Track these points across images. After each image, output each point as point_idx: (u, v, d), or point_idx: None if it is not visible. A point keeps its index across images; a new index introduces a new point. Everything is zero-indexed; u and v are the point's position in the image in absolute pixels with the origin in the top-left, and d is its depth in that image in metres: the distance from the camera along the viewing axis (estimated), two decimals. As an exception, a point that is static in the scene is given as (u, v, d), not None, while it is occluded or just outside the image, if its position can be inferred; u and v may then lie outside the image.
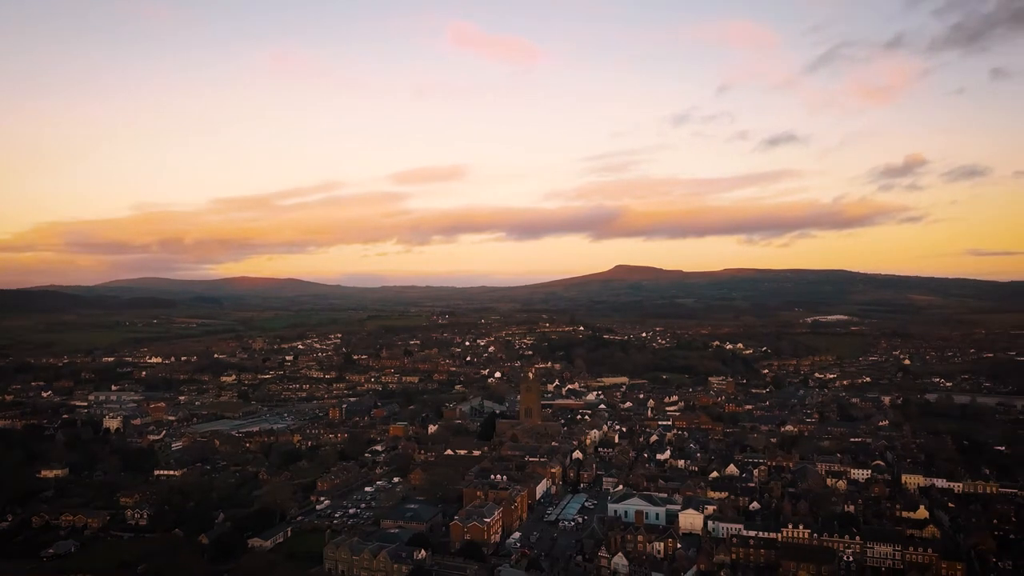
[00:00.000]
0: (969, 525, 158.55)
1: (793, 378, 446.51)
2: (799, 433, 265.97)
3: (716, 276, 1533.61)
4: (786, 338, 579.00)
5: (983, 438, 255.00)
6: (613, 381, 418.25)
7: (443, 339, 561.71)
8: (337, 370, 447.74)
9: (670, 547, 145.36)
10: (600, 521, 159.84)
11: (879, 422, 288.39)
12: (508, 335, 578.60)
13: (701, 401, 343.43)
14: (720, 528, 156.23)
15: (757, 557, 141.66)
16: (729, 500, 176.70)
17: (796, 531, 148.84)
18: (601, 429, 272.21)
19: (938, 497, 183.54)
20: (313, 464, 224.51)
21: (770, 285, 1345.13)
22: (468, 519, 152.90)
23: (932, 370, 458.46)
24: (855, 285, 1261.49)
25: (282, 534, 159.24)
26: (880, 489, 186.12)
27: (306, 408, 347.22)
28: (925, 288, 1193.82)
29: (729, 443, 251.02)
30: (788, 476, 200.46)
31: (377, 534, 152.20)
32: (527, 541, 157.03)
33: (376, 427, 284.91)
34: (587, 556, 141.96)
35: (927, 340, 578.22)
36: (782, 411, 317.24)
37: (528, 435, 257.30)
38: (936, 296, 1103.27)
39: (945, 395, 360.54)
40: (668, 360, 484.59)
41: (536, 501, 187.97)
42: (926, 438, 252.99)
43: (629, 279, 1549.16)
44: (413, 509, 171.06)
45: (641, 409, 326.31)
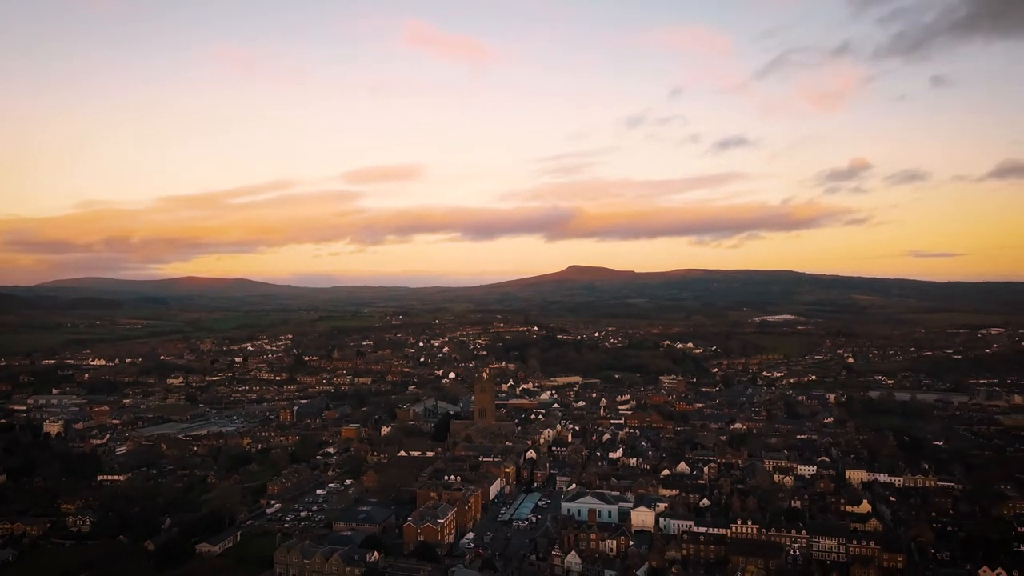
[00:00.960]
0: (909, 518, 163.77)
1: (742, 377, 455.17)
2: (748, 431, 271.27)
3: (667, 276, 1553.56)
4: (735, 337, 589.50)
5: (922, 434, 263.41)
6: (567, 380, 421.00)
7: (396, 340, 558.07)
8: (288, 372, 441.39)
9: (623, 545, 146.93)
10: (554, 520, 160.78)
11: (824, 419, 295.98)
12: (462, 335, 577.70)
13: (652, 400, 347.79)
14: (671, 525, 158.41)
15: (707, 553, 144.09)
16: (680, 497, 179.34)
17: (745, 527, 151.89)
18: (555, 428, 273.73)
19: (880, 491, 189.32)
20: (263, 467, 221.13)
21: (719, 285, 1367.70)
22: (422, 520, 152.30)
23: (875, 368, 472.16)
24: (801, 286, 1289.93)
25: (231, 539, 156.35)
26: (825, 484, 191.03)
27: (256, 410, 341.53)
28: (868, 288, 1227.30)
29: (680, 441, 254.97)
30: (737, 473, 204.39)
31: (329, 537, 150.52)
32: (481, 541, 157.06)
33: (328, 429, 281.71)
34: (541, 555, 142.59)
35: (870, 339, 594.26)
36: (731, 409, 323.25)
37: (482, 435, 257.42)
38: (878, 296, 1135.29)
39: (887, 392, 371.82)
40: (620, 359, 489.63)
41: (490, 501, 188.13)
42: (869, 434, 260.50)
43: (582, 279, 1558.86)
44: (366, 511, 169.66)
45: (594, 408, 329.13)
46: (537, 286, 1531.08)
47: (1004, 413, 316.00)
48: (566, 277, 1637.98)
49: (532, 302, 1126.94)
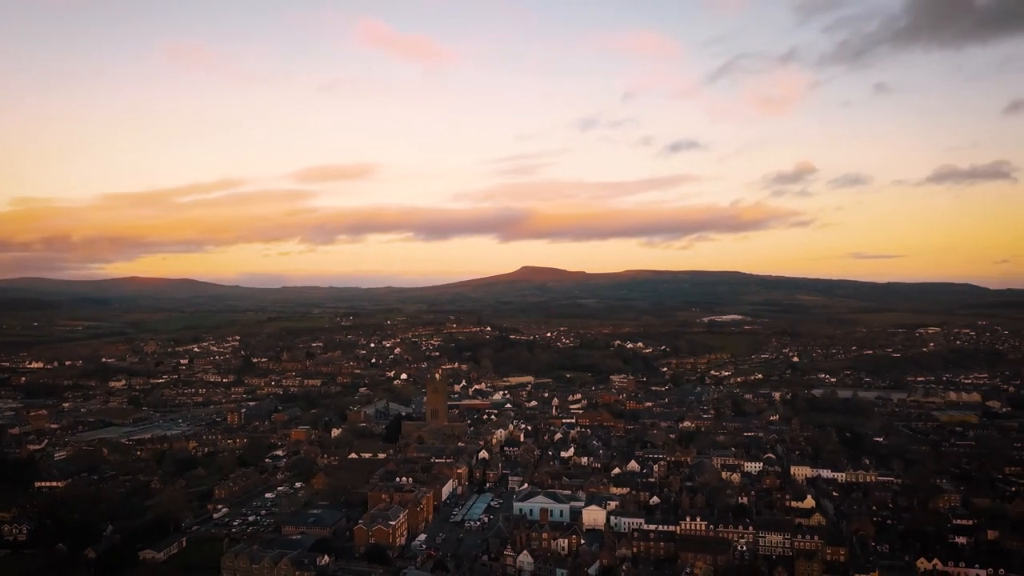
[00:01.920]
0: (851, 512, 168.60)
1: (691, 376, 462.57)
2: (696, 429, 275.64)
3: (618, 277, 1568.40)
4: (684, 337, 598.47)
5: (863, 430, 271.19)
6: (519, 380, 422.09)
7: (347, 341, 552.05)
8: (235, 373, 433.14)
9: (574, 543, 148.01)
10: (506, 520, 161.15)
11: (770, 417, 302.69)
12: (414, 336, 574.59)
13: (603, 399, 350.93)
14: (622, 523, 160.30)
15: (657, 550, 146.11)
16: (631, 495, 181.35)
17: (694, 523, 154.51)
18: (507, 428, 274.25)
19: (824, 487, 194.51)
20: (210, 471, 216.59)
21: (669, 286, 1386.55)
22: (373, 522, 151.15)
23: (818, 367, 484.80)
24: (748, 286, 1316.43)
25: (176, 545, 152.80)
26: (771, 481, 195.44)
27: (202, 413, 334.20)
28: (812, 289, 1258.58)
29: (630, 440, 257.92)
30: (686, 471, 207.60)
31: (278, 541, 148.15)
32: (433, 542, 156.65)
33: (277, 431, 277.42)
34: (493, 555, 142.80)
35: (814, 338, 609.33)
36: (680, 408, 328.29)
37: (434, 436, 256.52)
38: (822, 297, 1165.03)
39: (830, 390, 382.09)
40: (572, 359, 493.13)
41: (442, 502, 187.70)
42: (813, 431, 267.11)
43: (535, 280, 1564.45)
44: (316, 514, 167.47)
45: (546, 408, 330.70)
46: (490, 287, 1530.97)
47: (940, 410, 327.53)
48: (519, 278, 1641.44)
49: (485, 303, 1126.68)
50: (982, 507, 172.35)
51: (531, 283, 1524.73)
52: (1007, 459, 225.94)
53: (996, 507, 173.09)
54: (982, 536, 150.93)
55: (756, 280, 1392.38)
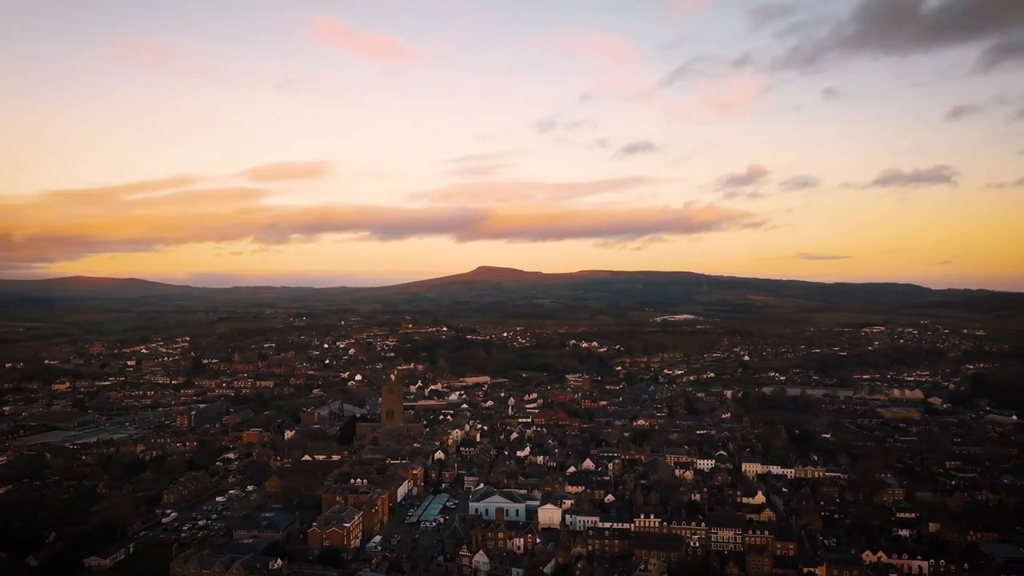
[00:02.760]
0: (800, 507, 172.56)
1: (644, 374, 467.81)
2: (650, 427, 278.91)
3: (573, 278, 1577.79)
4: (638, 336, 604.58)
5: (812, 427, 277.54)
6: (475, 381, 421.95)
7: (300, 342, 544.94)
8: (185, 375, 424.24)
9: (530, 542, 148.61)
10: (461, 520, 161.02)
11: (722, 415, 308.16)
12: (369, 337, 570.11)
13: (559, 398, 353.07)
14: (577, 521, 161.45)
15: (612, 547, 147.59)
16: (586, 494, 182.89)
17: (648, 521, 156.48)
18: (463, 429, 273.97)
19: (774, 483, 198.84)
20: (159, 475, 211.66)
21: (623, 286, 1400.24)
22: (327, 525, 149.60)
23: (768, 365, 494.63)
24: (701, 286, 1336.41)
25: (123, 551, 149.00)
26: (723, 478, 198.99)
27: (151, 416, 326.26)
28: (762, 289, 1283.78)
29: (585, 438, 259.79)
30: (640, 468, 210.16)
31: (229, 545, 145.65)
32: (388, 544, 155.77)
33: (228, 434, 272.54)
34: (448, 556, 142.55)
35: (764, 338, 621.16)
36: (634, 406, 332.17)
37: (390, 437, 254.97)
38: (772, 297, 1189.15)
39: (779, 388, 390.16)
40: (528, 359, 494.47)
41: (398, 503, 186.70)
42: (763, 429, 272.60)
43: (491, 280, 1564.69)
44: (268, 518, 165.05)
45: (502, 407, 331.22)
46: (446, 287, 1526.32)
47: (884, 406, 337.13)
48: (475, 278, 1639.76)
49: (441, 303, 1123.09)
50: (924, 500, 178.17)
51: (487, 283, 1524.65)
52: (947, 454, 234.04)
53: (937, 500, 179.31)
54: (924, 528, 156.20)
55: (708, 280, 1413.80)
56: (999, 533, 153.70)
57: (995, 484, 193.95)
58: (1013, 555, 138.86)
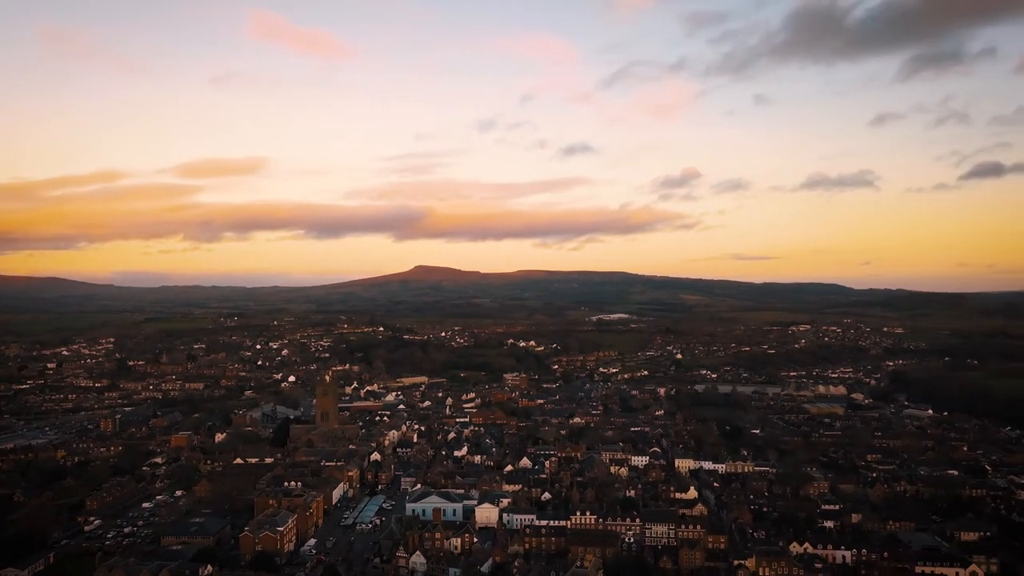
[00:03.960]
0: (731, 502, 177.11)
1: (580, 373, 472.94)
2: (586, 425, 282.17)
3: (511, 277, 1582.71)
4: (574, 336, 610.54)
5: (742, 423, 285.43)
6: (412, 381, 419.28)
7: (232, 342, 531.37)
8: (109, 377, 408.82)
9: (467, 542, 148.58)
10: (398, 521, 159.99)
11: (656, 412, 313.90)
12: (303, 337, 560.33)
13: (497, 397, 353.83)
14: (514, 520, 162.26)
15: (549, 545, 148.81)
16: (523, 492, 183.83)
17: (584, 517, 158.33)
18: (400, 429, 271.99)
19: (705, 478, 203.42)
20: (81, 481, 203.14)
21: (560, 286, 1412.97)
22: (260, 529, 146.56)
23: (700, 363, 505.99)
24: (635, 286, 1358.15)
25: (43, 561, 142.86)
26: (657, 474, 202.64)
27: (73, 420, 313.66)
28: (694, 289, 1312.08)
29: (523, 437, 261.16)
30: (576, 466, 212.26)
31: (157, 553, 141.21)
32: (323, 547, 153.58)
33: (156, 438, 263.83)
34: (385, 557, 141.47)
35: (696, 336, 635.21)
36: (571, 404, 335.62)
37: (324, 439, 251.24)
38: (703, 296, 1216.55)
39: (711, 385, 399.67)
40: (466, 359, 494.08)
41: (333, 506, 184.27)
42: (695, 425, 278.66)
43: (429, 279, 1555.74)
44: (198, 523, 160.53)
45: (440, 408, 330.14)
46: (382, 286, 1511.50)
47: (810, 402, 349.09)
48: (412, 277, 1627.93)
49: (377, 302, 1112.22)
50: (847, 492, 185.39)
51: (425, 283, 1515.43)
52: (869, 447, 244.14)
53: (859, 492, 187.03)
54: (847, 519, 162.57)
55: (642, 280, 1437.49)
56: (916, 523, 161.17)
57: (912, 476, 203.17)
58: (929, 543, 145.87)
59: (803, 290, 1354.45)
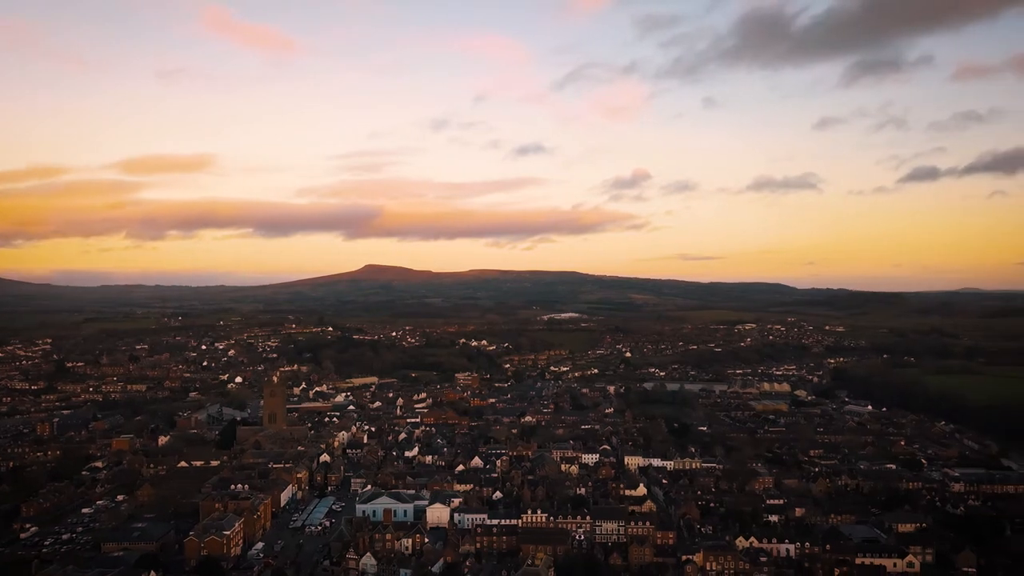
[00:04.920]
0: (679, 498, 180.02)
1: (532, 372, 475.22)
2: (537, 423, 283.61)
3: (463, 277, 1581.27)
4: (526, 335, 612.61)
5: (689, 420, 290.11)
6: (363, 381, 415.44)
7: (176, 343, 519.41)
8: (46, 380, 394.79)
9: (418, 542, 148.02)
10: (348, 523, 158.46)
11: (605, 410, 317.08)
12: (250, 337, 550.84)
13: (448, 397, 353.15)
14: (466, 519, 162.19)
15: (500, 544, 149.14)
16: (474, 491, 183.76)
17: (535, 516, 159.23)
18: (350, 430, 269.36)
19: (654, 475, 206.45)
20: (16, 487, 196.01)
21: (512, 285, 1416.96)
22: (205, 533, 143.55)
23: (649, 361, 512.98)
24: (585, 286, 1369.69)
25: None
26: (607, 471, 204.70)
27: (7, 424, 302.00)
28: (643, 288, 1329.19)
29: (474, 436, 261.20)
30: (527, 464, 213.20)
31: (97, 559, 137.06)
32: (271, 550, 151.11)
33: (96, 442, 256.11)
34: (335, 559, 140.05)
35: (645, 335, 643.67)
36: (522, 403, 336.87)
37: (272, 441, 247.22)
38: (652, 296, 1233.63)
39: (659, 383, 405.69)
40: (417, 358, 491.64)
41: (281, 508, 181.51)
42: (644, 423, 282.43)
43: (380, 279, 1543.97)
44: (141, 528, 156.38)
45: (390, 408, 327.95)
46: (331, 285, 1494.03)
47: (756, 399, 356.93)
48: (362, 276, 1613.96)
49: (326, 302, 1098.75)
50: (791, 487, 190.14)
51: (376, 282, 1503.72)
52: (811, 443, 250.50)
53: (803, 487, 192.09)
54: (791, 513, 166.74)
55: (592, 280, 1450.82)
56: (856, 515, 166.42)
57: (853, 470, 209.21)
58: (868, 535, 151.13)
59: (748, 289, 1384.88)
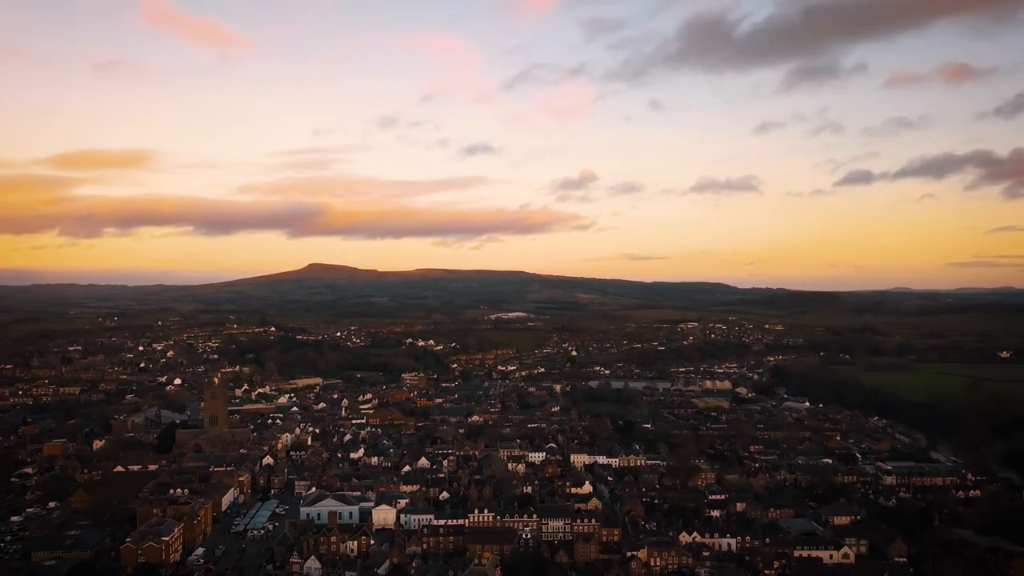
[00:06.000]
0: (624, 495, 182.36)
1: (479, 371, 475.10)
2: (484, 422, 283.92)
3: (409, 276, 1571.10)
4: (473, 334, 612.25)
5: (634, 418, 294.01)
6: (307, 382, 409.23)
7: (112, 344, 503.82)
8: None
9: (364, 544, 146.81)
10: (292, 526, 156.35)
11: (552, 408, 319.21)
12: (190, 338, 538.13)
13: (394, 397, 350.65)
14: (412, 520, 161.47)
15: (447, 544, 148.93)
16: (421, 492, 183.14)
17: (482, 515, 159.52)
18: (294, 432, 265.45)
19: (600, 472, 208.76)
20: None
21: (459, 285, 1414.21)
22: (143, 539, 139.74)
23: (594, 360, 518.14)
24: (532, 285, 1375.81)
25: None
26: (553, 469, 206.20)
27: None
28: (589, 288, 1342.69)
29: (421, 436, 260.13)
30: (474, 464, 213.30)
31: (28, 569, 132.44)
32: (212, 556, 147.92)
33: (26, 446, 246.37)
34: (278, 563, 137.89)
35: (590, 334, 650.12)
36: (469, 403, 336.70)
37: (213, 444, 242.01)
38: (597, 295, 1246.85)
39: (604, 382, 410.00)
40: (363, 359, 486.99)
41: (223, 513, 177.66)
42: (590, 421, 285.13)
43: (324, 278, 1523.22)
44: (74, 536, 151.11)
45: (335, 409, 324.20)
46: (274, 284, 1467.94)
47: (698, 397, 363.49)
48: (306, 275, 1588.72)
49: (269, 301, 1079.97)
50: (732, 483, 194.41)
51: (320, 281, 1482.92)
52: (752, 439, 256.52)
53: (743, 482, 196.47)
54: (732, 508, 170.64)
55: (539, 280, 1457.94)
56: (795, 509, 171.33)
57: (791, 465, 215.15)
58: (806, 528, 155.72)
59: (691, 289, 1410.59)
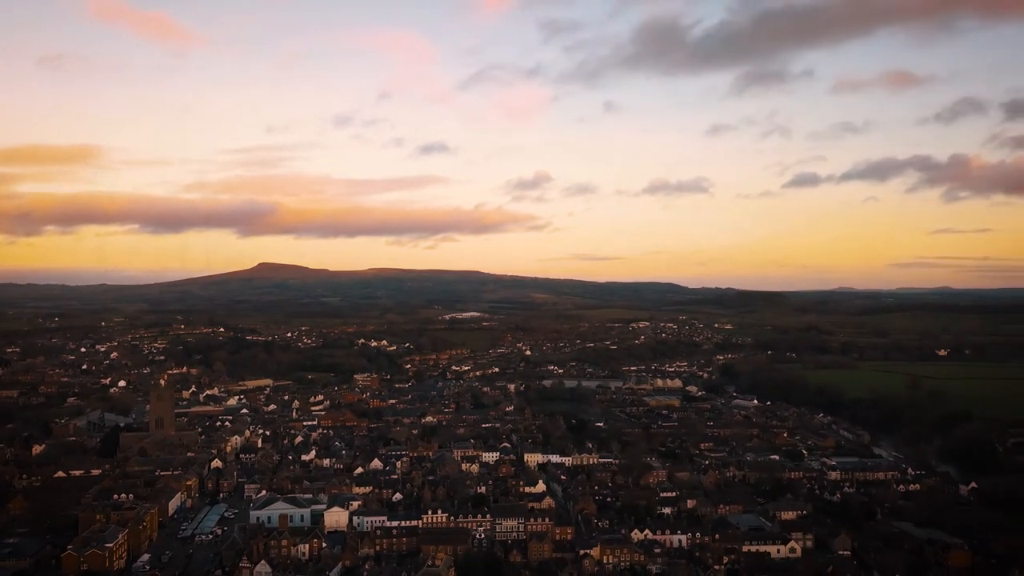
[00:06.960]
0: (577, 493, 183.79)
1: (433, 371, 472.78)
2: (438, 423, 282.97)
3: (362, 276, 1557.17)
4: (427, 334, 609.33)
5: (587, 417, 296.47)
6: (256, 384, 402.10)
7: (52, 345, 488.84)
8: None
9: (315, 547, 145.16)
10: (241, 530, 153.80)
11: (506, 408, 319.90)
12: (135, 339, 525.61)
13: (347, 399, 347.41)
14: (365, 522, 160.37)
15: (400, 545, 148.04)
16: (374, 494, 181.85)
17: (435, 516, 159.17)
18: (243, 435, 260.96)
19: (553, 471, 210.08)
20: None
21: (413, 284, 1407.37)
22: (85, 546, 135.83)
23: (548, 359, 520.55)
24: (487, 285, 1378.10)
25: None
26: (507, 469, 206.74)
27: None
28: (543, 288, 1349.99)
29: (374, 438, 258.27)
30: (428, 465, 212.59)
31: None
32: (158, 562, 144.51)
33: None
34: (227, 568, 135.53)
35: (544, 333, 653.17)
36: (423, 403, 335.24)
37: (159, 447, 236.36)
38: (551, 295, 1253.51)
39: (558, 381, 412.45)
40: (314, 359, 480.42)
41: (169, 518, 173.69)
42: (543, 420, 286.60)
43: (274, 277, 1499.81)
44: (12, 544, 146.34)
45: (286, 411, 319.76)
46: (223, 284, 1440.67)
47: (649, 395, 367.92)
48: (256, 275, 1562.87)
49: (217, 301, 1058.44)
50: (683, 480, 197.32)
51: (270, 280, 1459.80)
52: (702, 436, 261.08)
53: (694, 479, 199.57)
54: (683, 505, 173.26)
55: (493, 279, 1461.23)
56: (744, 505, 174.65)
57: (740, 462, 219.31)
58: (754, 524, 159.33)
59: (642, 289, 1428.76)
